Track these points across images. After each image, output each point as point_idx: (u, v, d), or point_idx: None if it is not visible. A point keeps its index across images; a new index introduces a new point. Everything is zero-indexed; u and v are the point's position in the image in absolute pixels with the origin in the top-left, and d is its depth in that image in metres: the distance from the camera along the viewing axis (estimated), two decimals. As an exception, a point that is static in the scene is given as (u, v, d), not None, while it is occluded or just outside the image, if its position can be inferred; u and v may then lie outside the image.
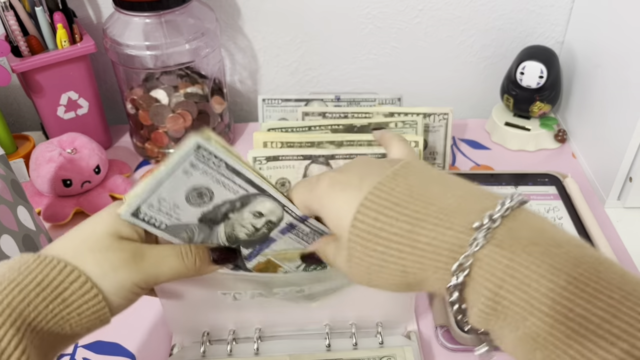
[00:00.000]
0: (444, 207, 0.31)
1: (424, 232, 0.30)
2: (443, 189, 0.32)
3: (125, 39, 0.68)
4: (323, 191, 0.35)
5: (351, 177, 0.34)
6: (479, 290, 0.28)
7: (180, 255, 0.38)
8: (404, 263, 0.31)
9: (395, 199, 0.31)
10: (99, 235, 0.36)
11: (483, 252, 0.28)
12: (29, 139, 0.78)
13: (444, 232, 0.30)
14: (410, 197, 0.31)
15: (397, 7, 0.79)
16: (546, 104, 0.76)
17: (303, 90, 0.88)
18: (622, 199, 0.69)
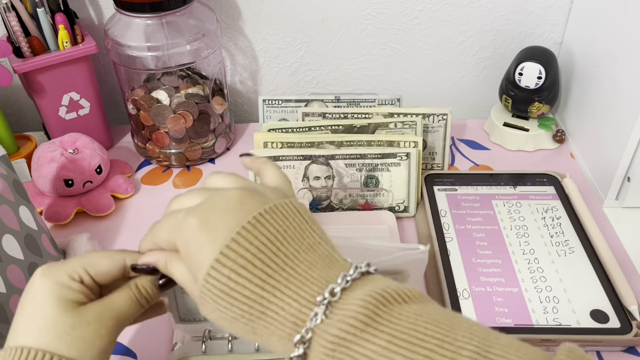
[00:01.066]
0: (293, 274, 0.32)
1: (273, 300, 0.31)
2: (297, 248, 0.33)
3: (127, 39, 0.69)
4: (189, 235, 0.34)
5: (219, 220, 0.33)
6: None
7: (134, 298, 0.39)
8: (254, 325, 0.32)
9: (250, 256, 0.32)
10: (55, 316, 0.36)
11: (321, 327, 0.30)
12: (30, 139, 0.78)
13: (290, 303, 0.31)
14: (265, 254, 0.32)
15: (397, 8, 0.80)
16: (545, 105, 0.76)
17: (303, 90, 0.88)
18: (620, 198, 0.69)
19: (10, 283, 0.51)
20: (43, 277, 0.37)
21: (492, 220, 0.64)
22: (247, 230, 0.32)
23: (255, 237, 0.32)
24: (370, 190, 0.67)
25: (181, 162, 0.77)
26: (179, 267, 0.36)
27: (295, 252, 0.32)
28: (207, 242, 0.32)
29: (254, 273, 0.31)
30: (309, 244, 0.33)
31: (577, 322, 0.53)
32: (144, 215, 0.70)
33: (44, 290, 0.37)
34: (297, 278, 0.32)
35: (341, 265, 0.33)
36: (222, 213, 0.33)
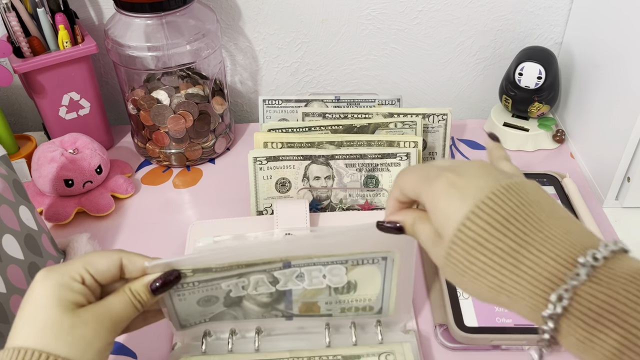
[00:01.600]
0: (549, 235, 0.31)
1: (528, 256, 0.31)
2: (550, 217, 0.32)
3: (127, 40, 0.69)
4: (439, 189, 0.34)
5: (468, 182, 0.34)
6: (575, 322, 0.29)
7: (129, 301, 0.41)
8: (503, 279, 0.32)
9: (505, 214, 0.32)
10: (55, 317, 0.37)
11: (583, 288, 0.29)
12: (30, 139, 0.79)
13: (547, 261, 0.30)
14: (520, 215, 0.32)
15: (397, 8, 0.80)
16: (545, 105, 0.76)
17: (303, 91, 0.88)
18: (620, 198, 0.69)
19: (11, 283, 0.51)
20: (44, 280, 0.38)
21: None
22: (501, 192, 0.32)
23: (510, 199, 0.32)
24: (370, 190, 0.67)
25: (181, 162, 0.77)
26: (425, 228, 0.36)
27: (549, 218, 0.32)
28: (457, 198, 0.33)
29: (509, 228, 0.31)
30: (561, 215, 0.33)
31: (577, 322, 0.53)
32: (144, 215, 0.70)
33: (45, 292, 0.38)
34: (554, 239, 0.31)
35: (597, 238, 0.32)
36: (473, 176, 0.34)
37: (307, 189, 0.67)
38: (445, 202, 0.34)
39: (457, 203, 0.33)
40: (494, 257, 0.32)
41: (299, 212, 0.62)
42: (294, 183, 0.67)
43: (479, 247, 0.32)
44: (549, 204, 0.33)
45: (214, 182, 0.76)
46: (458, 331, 0.52)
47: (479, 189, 0.33)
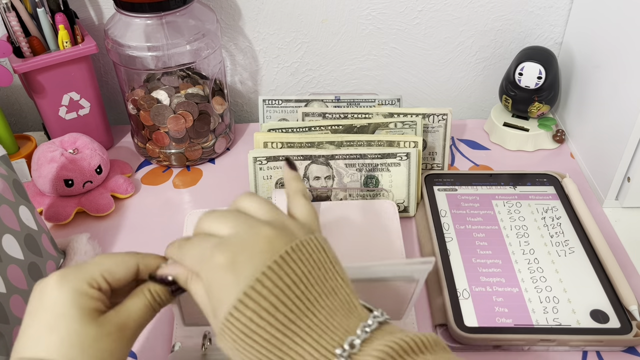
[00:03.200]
0: (315, 320, 0.32)
1: (293, 347, 0.32)
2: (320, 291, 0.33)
3: (127, 40, 0.69)
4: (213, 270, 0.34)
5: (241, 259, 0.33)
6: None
7: (149, 304, 0.39)
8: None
9: (274, 299, 0.32)
10: (78, 328, 0.35)
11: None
12: (30, 139, 0.79)
13: (310, 352, 0.31)
14: (288, 298, 0.32)
15: (397, 8, 0.80)
16: (545, 105, 0.76)
17: (303, 90, 0.88)
18: (620, 198, 0.69)
19: (11, 283, 0.51)
20: (61, 286, 0.36)
21: (492, 220, 0.64)
22: (272, 270, 0.32)
23: (280, 277, 0.32)
24: (370, 190, 0.67)
25: (181, 162, 0.77)
26: (199, 291, 0.36)
27: (318, 296, 0.33)
28: (231, 282, 0.33)
29: (276, 317, 0.32)
30: (331, 286, 0.34)
31: (577, 322, 0.53)
32: (144, 215, 0.70)
33: (64, 299, 0.35)
34: (318, 325, 0.32)
35: (359, 313, 0.34)
36: (249, 253, 0.33)
37: (307, 189, 0.67)
38: (220, 286, 0.33)
39: (231, 288, 0.33)
40: (261, 348, 0.32)
41: None
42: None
43: (246, 337, 0.32)
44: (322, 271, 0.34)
45: (214, 182, 0.76)
46: (458, 331, 0.52)
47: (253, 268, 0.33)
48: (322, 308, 0.33)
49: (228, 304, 0.32)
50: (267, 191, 0.67)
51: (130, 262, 0.39)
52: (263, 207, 0.38)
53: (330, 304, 0.33)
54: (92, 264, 0.38)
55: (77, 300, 0.35)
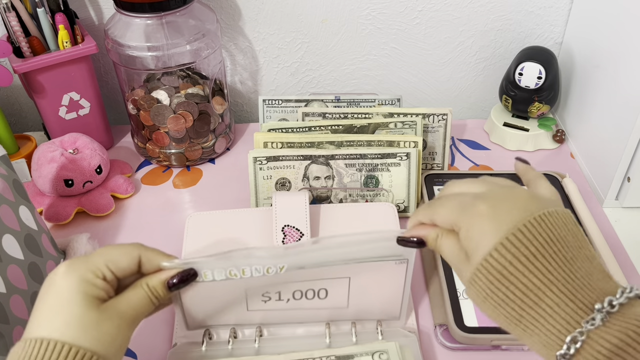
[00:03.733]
0: (572, 277, 0.33)
1: (550, 295, 0.32)
2: (575, 257, 0.34)
3: (127, 39, 0.69)
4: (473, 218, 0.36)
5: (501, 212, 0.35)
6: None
7: (147, 296, 0.41)
8: (522, 313, 0.33)
9: (533, 249, 0.33)
10: (81, 312, 0.38)
11: (597, 332, 0.31)
12: (30, 139, 0.79)
13: (567, 303, 0.32)
14: (547, 251, 0.33)
15: (397, 8, 0.80)
16: (545, 105, 0.76)
17: (303, 90, 0.88)
18: (620, 198, 0.69)
19: (10, 283, 0.51)
20: (68, 274, 0.38)
21: None
22: (532, 225, 0.34)
23: (540, 233, 0.33)
24: (370, 190, 0.67)
25: (181, 162, 0.77)
26: (450, 244, 0.38)
27: (574, 258, 0.33)
28: (491, 228, 0.34)
29: (535, 264, 0.33)
30: (586, 255, 0.34)
31: (577, 322, 0.53)
32: (144, 215, 0.70)
33: (70, 286, 0.38)
34: (576, 282, 0.32)
35: (615, 282, 0.34)
36: (509, 206, 0.35)
37: (307, 189, 0.67)
38: (478, 231, 0.35)
39: (488, 233, 0.34)
40: (516, 290, 0.33)
41: (298, 204, 0.62)
42: (294, 183, 0.67)
43: (502, 279, 0.33)
44: (577, 240, 0.34)
45: (214, 182, 0.76)
46: (458, 331, 0.52)
47: (510, 220, 0.34)
48: (579, 268, 0.33)
49: (489, 246, 0.34)
50: (267, 191, 0.67)
51: (134, 254, 0.41)
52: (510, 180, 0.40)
53: (587, 268, 0.33)
54: (98, 254, 0.40)
55: (82, 287, 0.38)
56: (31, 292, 0.54)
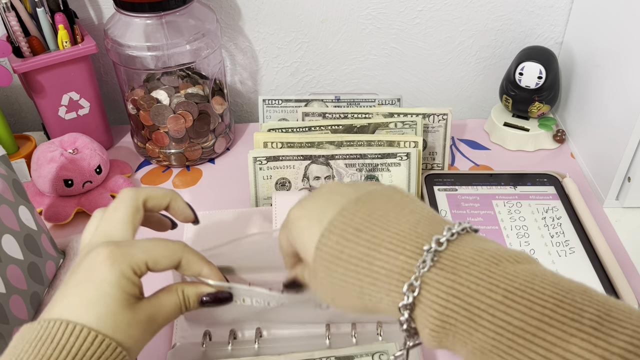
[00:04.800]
0: (398, 232, 0.33)
1: (379, 257, 0.32)
2: (399, 215, 0.34)
3: (126, 39, 0.68)
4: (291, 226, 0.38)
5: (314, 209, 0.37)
6: (427, 311, 0.30)
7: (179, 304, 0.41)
8: (361, 284, 0.33)
9: (355, 224, 0.34)
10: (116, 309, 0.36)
11: (429, 275, 0.31)
12: (30, 139, 0.78)
13: (396, 257, 0.32)
14: (369, 222, 0.34)
15: (397, 8, 0.80)
16: (545, 105, 0.76)
17: (303, 90, 0.88)
18: (620, 198, 0.69)
19: (10, 283, 0.51)
20: (111, 266, 0.37)
21: (493, 220, 0.64)
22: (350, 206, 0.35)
23: (358, 210, 0.35)
24: (371, 190, 0.67)
25: (181, 162, 0.77)
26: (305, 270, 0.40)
27: (397, 216, 0.34)
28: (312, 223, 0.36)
29: (360, 236, 0.33)
30: (411, 209, 0.35)
31: (577, 322, 0.53)
32: (143, 216, 0.70)
33: (111, 279, 0.37)
34: (402, 234, 0.33)
35: (444, 222, 0.34)
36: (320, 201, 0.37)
37: (307, 189, 0.66)
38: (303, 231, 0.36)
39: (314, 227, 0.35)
40: (349, 265, 0.33)
41: None
42: (294, 183, 0.67)
43: (336, 260, 0.34)
44: (399, 202, 0.35)
45: (214, 182, 0.75)
46: (458, 331, 0.52)
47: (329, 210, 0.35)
48: (405, 222, 0.33)
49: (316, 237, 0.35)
50: (266, 191, 0.67)
51: (176, 256, 0.40)
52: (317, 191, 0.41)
53: (413, 219, 0.34)
54: (141, 249, 0.39)
55: (122, 283, 0.37)
56: (31, 292, 0.54)
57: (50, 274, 0.58)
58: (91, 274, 0.37)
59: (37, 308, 0.56)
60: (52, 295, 0.57)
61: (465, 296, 0.29)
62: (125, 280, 0.37)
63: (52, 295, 0.56)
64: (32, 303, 0.54)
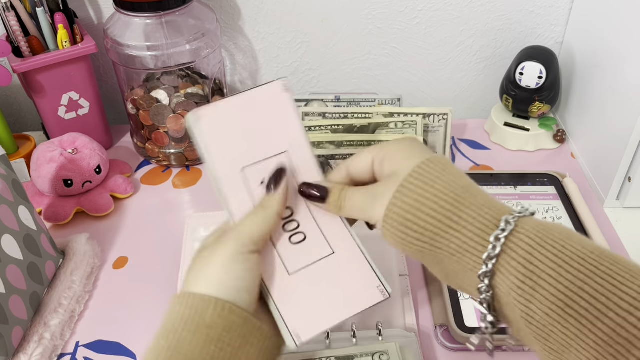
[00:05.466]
0: (478, 199, 0.35)
1: (462, 215, 0.34)
2: (471, 186, 0.36)
3: (126, 39, 0.68)
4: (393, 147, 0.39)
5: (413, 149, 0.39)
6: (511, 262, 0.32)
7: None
8: (438, 241, 0.35)
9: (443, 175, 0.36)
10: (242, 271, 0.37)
11: (514, 234, 0.33)
12: (30, 139, 0.78)
13: (481, 214, 0.34)
14: (454, 179, 0.36)
15: (397, 7, 0.79)
16: (545, 105, 0.76)
17: (303, 90, 0.88)
18: (621, 198, 0.69)
19: (10, 283, 0.51)
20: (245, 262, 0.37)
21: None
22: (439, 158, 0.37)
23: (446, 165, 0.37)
24: (371, 190, 0.67)
25: (181, 162, 0.77)
26: (354, 193, 0.39)
27: (470, 183, 0.36)
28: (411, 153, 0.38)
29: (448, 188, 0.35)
30: (478, 187, 0.37)
31: (578, 322, 0.53)
32: (143, 215, 0.70)
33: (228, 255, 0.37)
34: (481, 202, 0.35)
35: (508, 206, 0.36)
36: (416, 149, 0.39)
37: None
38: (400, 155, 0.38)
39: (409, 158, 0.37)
40: (430, 219, 0.35)
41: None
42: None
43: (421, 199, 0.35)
44: (467, 178, 0.37)
45: (214, 182, 0.75)
46: (458, 331, 0.52)
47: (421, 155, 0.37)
48: (478, 192, 0.36)
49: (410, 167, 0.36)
50: (267, 191, 0.66)
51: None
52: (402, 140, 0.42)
53: (485, 194, 0.36)
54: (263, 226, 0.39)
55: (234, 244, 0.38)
56: (30, 292, 0.54)
57: (49, 274, 0.58)
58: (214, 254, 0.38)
59: (37, 308, 0.56)
60: (52, 295, 0.57)
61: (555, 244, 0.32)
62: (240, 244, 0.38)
63: (52, 296, 0.57)
64: (31, 303, 0.54)
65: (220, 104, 0.41)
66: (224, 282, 0.36)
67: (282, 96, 0.42)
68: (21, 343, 0.53)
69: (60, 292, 0.58)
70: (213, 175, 0.40)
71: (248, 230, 0.38)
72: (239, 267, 0.37)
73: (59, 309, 0.56)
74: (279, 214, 0.39)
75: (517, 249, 0.32)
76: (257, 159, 0.41)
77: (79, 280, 0.60)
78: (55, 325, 0.55)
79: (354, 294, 0.40)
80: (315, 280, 0.40)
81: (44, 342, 0.53)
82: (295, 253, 0.40)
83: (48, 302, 0.56)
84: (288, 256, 0.40)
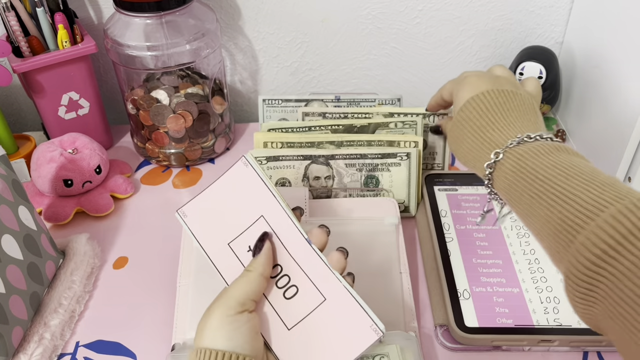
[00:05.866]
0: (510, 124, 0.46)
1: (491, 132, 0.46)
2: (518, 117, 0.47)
3: (126, 39, 0.68)
4: (461, 83, 0.50)
5: (481, 82, 0.49)
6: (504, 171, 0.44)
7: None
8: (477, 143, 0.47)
9: (488, 105, 0.47)
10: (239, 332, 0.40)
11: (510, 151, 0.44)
12: (30, 139, 0.78)
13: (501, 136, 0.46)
14: (497, 108, 0.47)
15: (397, 7, 0.79)
16: (545, 105, 0.76)
17: (303, 90, 0.88)
18: (620, 198, 0.69)
19: (10, 283, 0.51)
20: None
21: (493, 221, 0.64)
22: (492, 92, 0.48)
23: (495, 97, 0.47)
24: (371, 190, 0.67)
25: (181, 162, 0.77)
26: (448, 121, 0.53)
27: (518, 116, 0.47)
28: (470, 89, 0.49)
29: (487, 114, 0.47)
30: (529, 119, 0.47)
31: (577, 322, 0.53)
32: (143, 215, 0.70)
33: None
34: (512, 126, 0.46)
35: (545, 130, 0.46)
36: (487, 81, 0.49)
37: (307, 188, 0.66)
38: (460, 92, 0.50)
39: (466, 93, 0.49)
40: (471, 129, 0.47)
41: (298, 200, 0.61)
42: (294, 183, 0.66)
43: (465, 122, 0.48)
44: (525, 110, 0.47)
45: (214, 182, 0.75)
46: (458, 332, 0.52)
47: (483, 88, 0.48)
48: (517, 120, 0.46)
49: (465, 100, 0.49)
50: (267, 191, 0.66)
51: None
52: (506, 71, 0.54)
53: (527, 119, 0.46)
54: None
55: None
56: (30, 293, 0.54)
57: (49, 274, 0.58)
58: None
59: (37, 308, 0.56)
60: (52, 295, 0.57)
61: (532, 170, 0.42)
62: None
63: (52, 296, 0.57)
64: (31, 303, 0.54)
65: (199, 197, 0.47)
66: (217, 340, 0.39)
67: (246, 171, 0.48)
68: (21, 343, 0.53)
69: (60, 292, 0.58)
70: (206, 255, 0.46)
71: (233, 294, 0.41)
72: (228, 328, 0.39)
73: (59, 309, 0.56)
74: (262, 274, 0.42)
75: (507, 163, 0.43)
76: (238, 232, 0.45)
77: (79, 280, 0.60)
78: (55, 325, 0.55)
79: (348, 338, 0.41)
80: (312, 330, 0.42)
81: (44, 342, 0.53)
82: (291, 307, 0.43)
83: (48, 302, 0.57)
84: (284, 311, 0.43)
